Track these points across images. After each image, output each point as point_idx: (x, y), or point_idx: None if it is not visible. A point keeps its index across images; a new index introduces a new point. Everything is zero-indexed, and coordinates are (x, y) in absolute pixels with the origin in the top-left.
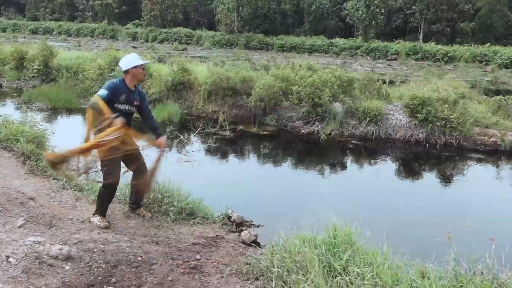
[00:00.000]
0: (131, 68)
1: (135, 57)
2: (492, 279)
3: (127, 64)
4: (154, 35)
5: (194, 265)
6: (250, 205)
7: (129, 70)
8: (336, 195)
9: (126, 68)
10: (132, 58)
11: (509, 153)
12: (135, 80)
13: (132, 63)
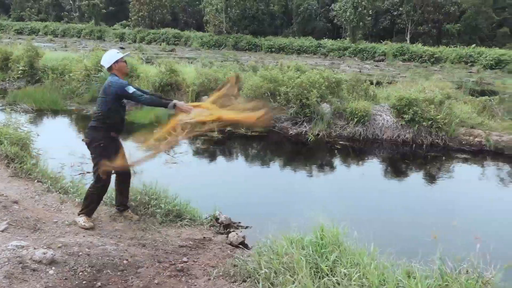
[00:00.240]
0: (113, 63)
1: (114, 51)
2: (477, 277)
3: (109, 60)
4: (142, 35)
5: (181, 267)
6: (238, 206)
7: (112, 66)
8: (324, 196)
9: (108, 65)
10: (111, 53)
11: (493, 153)
12: (122, 75)
13: (113, 58)
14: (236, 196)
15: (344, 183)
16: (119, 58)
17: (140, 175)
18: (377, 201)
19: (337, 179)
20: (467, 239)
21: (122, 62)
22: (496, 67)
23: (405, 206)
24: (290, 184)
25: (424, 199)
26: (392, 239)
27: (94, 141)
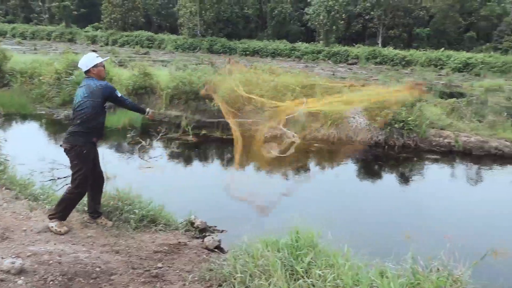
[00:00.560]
0: (92, 67)
1: (93, 55)
2: (447, 275)
3: (88, 63)
4: (115, 38)
5: (155, 273)
6: (214, 210)
7: (90, 70)
8: (299, 198)
9: (87, 68)
10: (91, 57)
11: (462, 153)
12: (99, 79)
13: (92, 61)
14: (211, 200)
15: (318, 185)
16: (99, 62)
17: (114, 180)
18: (351, 203)
19: (311, 181)
20: (438, 238)
21: (101, 66)
22: (464, 70)
23: (378, 207)
24: (265, 186)
25: (396, 200)
26: (366, 240)
27: (76, 147)
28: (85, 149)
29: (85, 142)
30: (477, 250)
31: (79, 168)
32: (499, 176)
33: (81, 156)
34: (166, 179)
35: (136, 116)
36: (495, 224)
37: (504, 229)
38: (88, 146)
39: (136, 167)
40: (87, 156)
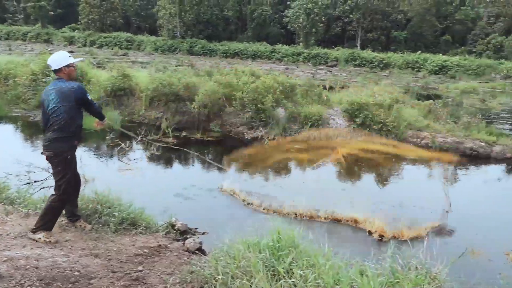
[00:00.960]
0: (64, 66)
1: (66, 54)
2: (426, 273)
3: (60, 62)
4: (93, 39)
5: (136, 276)
6: (194, 212)
7: (62, 69)
8: (280, 198)
9: (58, 67)
10: (63, 56)
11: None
12: (68, 79)
13: (64, 61)
14: (192, 202)
15: (299, 186)
16: (71, 62)
17: (93, 183)
18: (331, 203)
19: (292, 182)
20: (416, 237)
21: (72, 67)
22: (440, 73)
23: (358, 207)
24: (246, 187)
25: (375, 199)
26: (347, 239)
27: (60, 153)
28: (69, 154)
29: (69, 147)
30: (453, 247)
31: (64, 174)
32: (474, 176)
33: (66, 162)
34: (146, 181)
35: (116, 118)
36: (473, 223)
37: (481, 229)
38: (72, 151)
39: (115, 169)
40: (71, 161)
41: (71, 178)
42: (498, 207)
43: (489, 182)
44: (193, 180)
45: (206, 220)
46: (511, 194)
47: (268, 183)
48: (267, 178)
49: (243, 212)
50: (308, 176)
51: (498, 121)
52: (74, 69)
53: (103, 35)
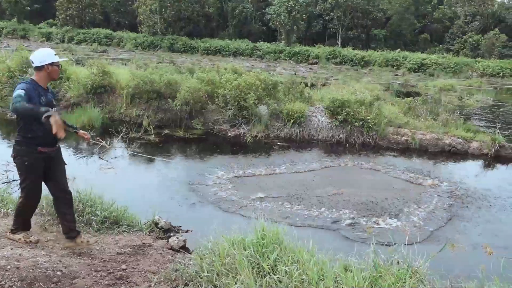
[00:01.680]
0: (48, 64)
1: (51, 52)
2: (407, 267)
3: (43, 59)
4: (71, 35)
5: (120, 275)
6: (178, 210)
7: (44, 67)
8: (264, 195)
9: (41, 64)
10: (48, 53)
11: (418, 150)
12: (49, 79)
13: (48, 58)
14: (175, 200)
15: (282, 183)
16: (56, 61)
17: (73, 182)
18: (313, 199)
19: (274, 178)
20: (397, 232)
21: (56, 66)
22: (419, 70)
23: (340, 202)
24: (230, 185)
25: (357, 195)
26: (330, 235)
27: (18, 157)
28: (27, 160)
29: (27, 152)
30: (433, 242)
31: (24, 178)
32: (454, 170)
33: (24, 167)
34: (128, 179)
35: (96, 116)
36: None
37: (459, 223)
38: (32, 157)
39: (96, 168)
40: (30, 167)
41: (34, 185)
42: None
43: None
44: (175, 178)
45: (190, 218)
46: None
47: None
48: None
49: (227, 210)
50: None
51: (475, 118)
52: (57, 69)
53: (81, 31)
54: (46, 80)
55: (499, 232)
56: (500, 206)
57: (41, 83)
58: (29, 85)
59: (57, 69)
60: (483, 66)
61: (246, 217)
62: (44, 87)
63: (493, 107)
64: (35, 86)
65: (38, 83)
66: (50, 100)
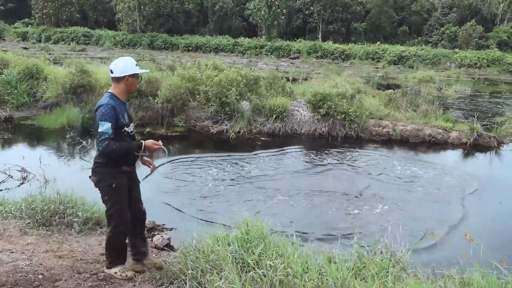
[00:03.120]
0: (129, 76)
1: (133, 62)
2: (390, 257)
3: (124, 70)
4: (48, 34)
5: (103, 276)
6: (161, 208)
7: (124, 78)
8: (248, 191)
9: (122, 75)
10: (130, 63)
11: (399, 141)
12: (127, 92)
13: (130, 69)
14: (158, 198)
15: (264, 178)
16: (137, 73)
17: (54, 184)
18: (297, 193)
19: (258, 174)
20: (382, 222)
21: (135, 78)
22: (399, 63)
23: (323, 196)
24: (213, 182)
25: (340, 188)
26: (314, 228)
27: (103, 180)
28: (114, 182)
29: (114, 174)
30: (415, 230)
31: (112, 204)
32: (434, 160)
33: (111, 191)
34: None
35: (76, 116)
36: (432, 207)
37: (439, 212)
38: (119, 178)
39: (78, 168)
40: (119, 190)
41: (122, 210)
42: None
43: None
44: (158, 176)
45: (174, 216)
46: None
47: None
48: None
49: (211, 207)
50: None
51: (454, 108)
52: (136, 82)
53: (58, 30)
54: (124, 93)
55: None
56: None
57: (120, 96)
58: (113, 104)
59: (137, 82)
60: (460, 57)
61: (231, 213)
62: (123, 100)
63: (471, 97)
64: (118, 102)
65: (118, 98)
66: (130, 115)
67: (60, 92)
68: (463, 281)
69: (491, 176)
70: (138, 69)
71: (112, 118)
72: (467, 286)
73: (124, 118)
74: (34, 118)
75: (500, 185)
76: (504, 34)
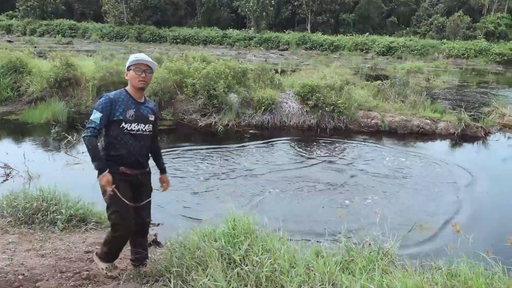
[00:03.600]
0: (127, 69)
1: (139, 55)
2: (378, 249)
3: (128, 62)
4: (33, 27)
5: (86, 275)
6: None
7: (125, 73)
8: (234, 186)
9: (126, 68)
10: (131, 57)
11: (388, 132)
12: (133, 87)
13: (131, 60)
14: None
15: (252, 172)
16: (133, 63)
17: (38, 180)
18: (284, 186)
19: (245, 168)
20: (370, 214)
21: (131, 71)
22: (387, 54)
23: (310, 189)
24: (198, 177)
25: (330, 179)
26: (302, 222)
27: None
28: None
29: (112, 173)
30: (402, 220)
31: (108, 206)
32: (422, 151)
33: (107, 192)
34: (96, 175)
35: (61, 110)
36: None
37: (427, 203)
38: (116, 179)
39: (63, 164)
40: (115, 193)
41: (120, 215)
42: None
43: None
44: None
45: (161, 211)
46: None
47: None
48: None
49: (198, 202)
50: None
51: (442, 99)
52: (135, 76)
53: (44, 23)
54: (132, 89)
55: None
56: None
57: (132, 92)
58: (113, 96)
59: (137, 75)
60: (448, 48)
61: (218, 209)
62: (136, 98)
63: (458, 88)
64: (126, 97)
65: (129, 93)
66: (144, 114)
67: (45, 86)
68: (451, 272)
69: (478, 166)
70: (133, 59)
71: (105, 109)
72: (454, 277)
73: (125, 114)
74: (18, 113)
75: (488, 175)
76: (491, 25)
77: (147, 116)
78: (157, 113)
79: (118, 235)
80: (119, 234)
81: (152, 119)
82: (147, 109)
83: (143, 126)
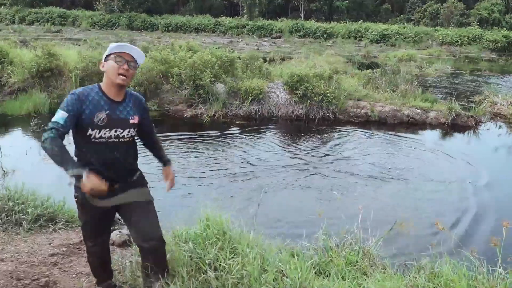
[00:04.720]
0: (105, 59)
1: (119, 43)
2: (359, 249)
3: (107, 51)
4: (22, 15)
5: (45, 282)
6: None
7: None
8: (216, 182)
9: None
10: (114, 43)
11: (378, 122)
12: (109, 82)
13: (109, 49)
14: None
15: (237, 165)
16: (114, 50)
17: (12, 176)
18: (265, 180)
19: (230, 162)
20: (352, 211)
21: (112, 60)
22: (381, 41)
23: (293, 184)
24: (179, 170)
25: (314, 172)
26: (280, 221)
27: (75, 190)
28: (77, 196)
29: (76, 186)
30: (388, 221)
31: (79, 219)
32: (410, 141)
33: (77, 204)
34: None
35: (43, 101)
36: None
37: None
38: (79, 193)
39: (40, 159)
40: (81, 208)
41: (88, 234)
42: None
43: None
44: None
45: None
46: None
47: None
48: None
49: (173, 200)
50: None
51: (433, 87)
52: (114, 65)
53: (33, 11)
54: (107, 84)
55: None
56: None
57: (105, 88)
58: (79, 92)
59: (116, 66)
60: (442, 35)
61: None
62: (111, 96)
63: (451, 75)
64: (98, 95)
65: (102, 89)
66: (118, 118)
67: (26, 77)
68: (433, 273)
69: (468, 155)
70: (113, 48)
71: (72, 109)
72: (437, 278)
73: (92, 118)
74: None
75: (477, 165)
76: (485, 11)
77: (127, 119)
78: (145, 105)
79: (90, 256)
80: (91, 255)
81: (135, 121)
82: (127, 109)
83: (120, 131)
